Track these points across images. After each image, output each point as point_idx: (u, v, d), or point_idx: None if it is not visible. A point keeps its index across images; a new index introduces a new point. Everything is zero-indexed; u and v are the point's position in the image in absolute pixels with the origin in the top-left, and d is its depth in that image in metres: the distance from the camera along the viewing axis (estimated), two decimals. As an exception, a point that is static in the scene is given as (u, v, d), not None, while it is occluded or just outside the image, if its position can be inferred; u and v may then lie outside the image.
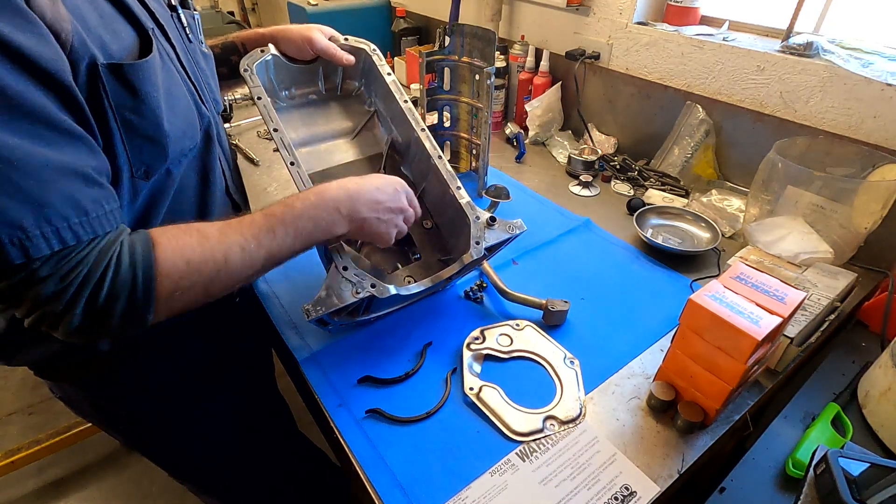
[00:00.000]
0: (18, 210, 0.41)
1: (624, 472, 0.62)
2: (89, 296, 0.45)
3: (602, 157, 1.31)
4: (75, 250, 0.45)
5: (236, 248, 0.54)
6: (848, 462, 0.55)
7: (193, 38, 0.68)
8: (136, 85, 0.50)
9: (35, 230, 0.42)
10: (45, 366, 0.66)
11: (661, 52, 1.20)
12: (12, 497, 1.58)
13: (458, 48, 1.09)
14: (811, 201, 0.86)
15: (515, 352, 0.78)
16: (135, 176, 0.53)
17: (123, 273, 0.47)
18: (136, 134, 0.51)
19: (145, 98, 0.51)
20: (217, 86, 0.74)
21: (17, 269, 0.42)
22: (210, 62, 0.73)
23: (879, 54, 0.94)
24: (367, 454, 0.65)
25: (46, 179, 0.42)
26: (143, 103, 0.51)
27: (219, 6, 2.92)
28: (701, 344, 0.62)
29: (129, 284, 0.47)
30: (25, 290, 0.43)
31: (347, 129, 0.97)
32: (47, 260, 0.43)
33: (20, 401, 1.86)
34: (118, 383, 0.70)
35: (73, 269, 0.44)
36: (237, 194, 0.78)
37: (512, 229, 0.77)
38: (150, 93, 0.51)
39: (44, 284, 0.43)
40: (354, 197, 0.64)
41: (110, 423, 0.77)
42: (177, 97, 0.58)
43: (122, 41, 0.50)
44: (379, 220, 0.66)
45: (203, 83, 0.68)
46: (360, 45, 0.89)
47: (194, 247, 0.51)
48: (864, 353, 0.80)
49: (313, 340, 0.81)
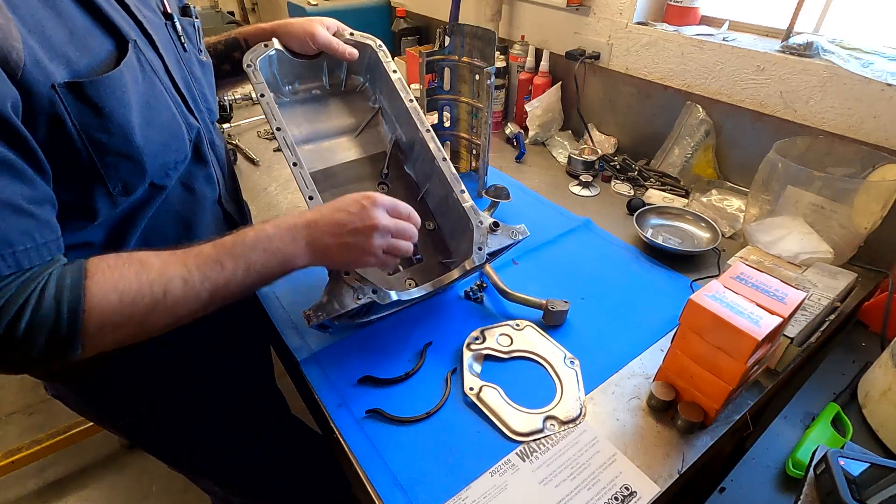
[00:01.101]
0: None
1: (624, 472, 0.62)
2: (6, 328, 0.43)
3: (602, 157, 1.31)
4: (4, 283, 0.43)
5: (178, 280, 0.51)
6: (848, 462, 0.55)
7: (190, 46, 0.67)
8: (99, 103, 0.48)
9: None
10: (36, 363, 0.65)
11: (661, 52, 1.20)
12: (12, 497, 1.58)
13: (458, 48, 1.08)
14: (811, 201, 0.86)
15: (515, 352, 0.78)
16: (112, 192, 0.52)
17: (46, 307, 0.44)
18: (108, 152, 0.50)
19: (111, 115, 0.49)
20: (213, 95, 0.73)
21: None
22: (207, 71, 0.72)
23: (879, 54, 0.94)
24: (367, 454, 0.65)
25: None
26: (108, 121, 0.49)
27: (219, 6, 2.92)
28: (701, 344, 0.62)
29: (53, 318, 0.45)
30: None
31: (351, 126, 0.96)
32: None
33: (20, 401, 1.86)
34: (111, 382, 0.70)
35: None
36: (230, 203, 0.77)
37: (515, 235, 0.77)
38: (115, 108, 0.49)
39: None
40: (313, 224, 0.58)
41: (107, 419, 0.77)
42: (157, 110, 0.56)
43: (95, 56, 0.49)
44: (344, 244, 0.59)
45: (197, 92, 0.66)
46: (366, 41, 0.88)
47: (130, 279, 0.48)
48: (864, 353, 0.80)
49: (313, 340, 0.81)
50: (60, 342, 0.46)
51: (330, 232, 0.59)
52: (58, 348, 0.46)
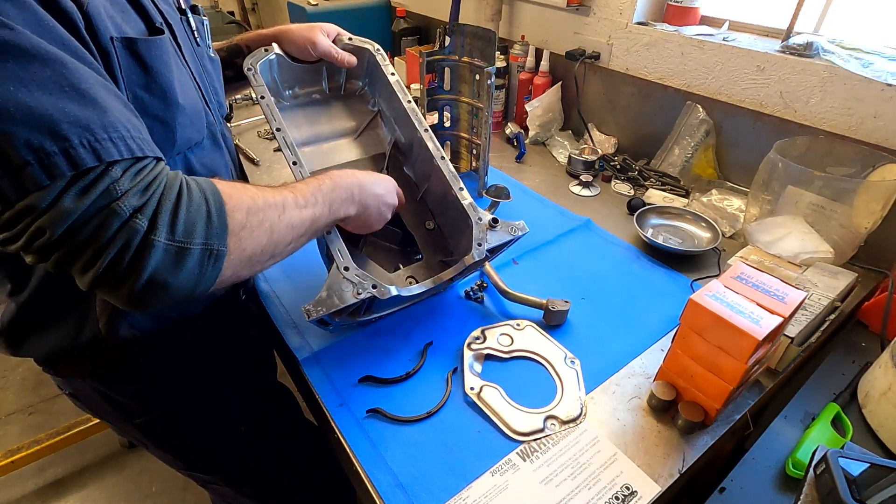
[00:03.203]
0: (82, 112, 0.39)
1: (625, 471, 0.62)
2: (171, 215, 0.42)
3: (602, 157, 1.31)
4: (147, 166, 0.43)
5: (290, 200, 0.55)
6: (848, 462, 0.55)
7: (201, 42, 0.68)
8: (148, 62, 0.50)
9: (102, 133, 0.40)
10: (56, 359, 0.65)
11: (661, 52, 1.20)
12: (12, 497, 1.58)
13: (459, 48, 1.09)
14: (811, 201, 0.86)
15: (516, 351, 0.78)
16: None
17: (196, 197, 0.45)
18: (146, 112, 0.51)
19: (156, 76, 0.51)
20: (223, 90, 0.75)
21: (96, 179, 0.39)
22: (217, 67, 0.73)
23: (879, 54, 0.94)
24: (368, 454, 0.65)
25: (100, 90, 0.41)
26: (154, 81, 0.51)
27: (219, 6, 2.92)
28: (701, 344, 0.62)
29: (205, 209, 0.45)
30: (109, 203, 0.40)
31: (350, 129, 0.97)
32: (126, 171, 0.41)
33: (20, 401, 1.86)
34: (133, 376, 0.70)
35: (152, 183, 0.42)
36: None
37: (514, 231, 0.77)
38: (161, 70, 0.52)
39: (126, 198, 0.40)
40: (364, 187, 0.68)
41: (125, 416, 0.76)
42: (186, 86, 0.58)
43: (134, 27, 0.51)
44: (378, 211, 0.71)
45: (209, 86, 0.68)
46: (364, 45, 0.88)
47: (253, 191, 0.51)
48: (864, 353, 0.80)
49: (314, 340, 0.81)
50: (213, 236, 0.45)
51: (374, 197, 0.69)
52: (211, 242, 0.45)
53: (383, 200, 0.71)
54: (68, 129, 0.38)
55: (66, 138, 0.38)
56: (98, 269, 0.40)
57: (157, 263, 0.42)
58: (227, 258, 0.47)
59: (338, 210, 0.64)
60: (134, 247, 0.41)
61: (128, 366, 0.68)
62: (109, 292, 0.43)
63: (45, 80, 0.38)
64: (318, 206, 0.59)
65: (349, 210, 0.66)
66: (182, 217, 0.43)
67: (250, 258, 0.50)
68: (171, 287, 0.44)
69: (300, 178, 0.72)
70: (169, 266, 0.43)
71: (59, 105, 0.38)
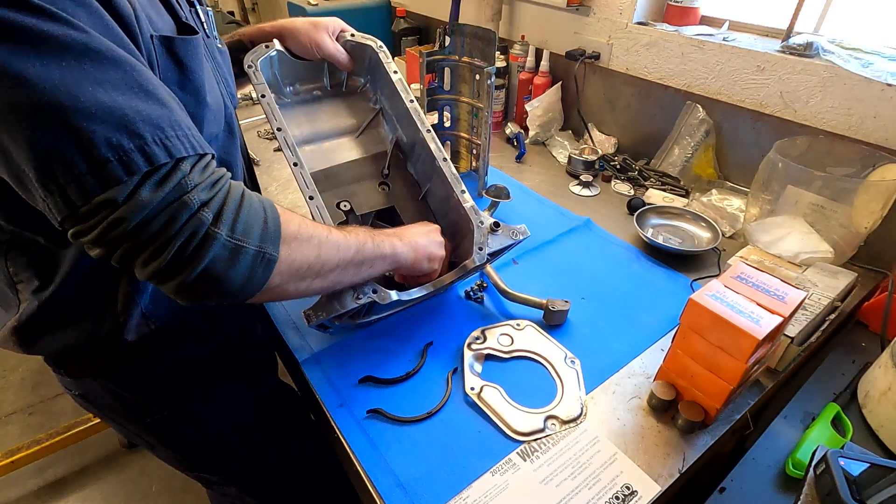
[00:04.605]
0: (151, 111, 0.41)
1: (625, 471, 0.62)
2: (234, 213, 0.45)
3: (602, 157, 1.31)
4: (210, 163, 0.45)
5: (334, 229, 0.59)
6: (848, 462, 0.55)
7: (210, 33, 0.69)
8: (184, 59, 0.51)
9: (171, 131, 0.42)
10: (69, 357, 0.65)
11: (662, 52, 1.20)
12: (12, 497, 1.58)
13: (459, 48, 1.08)
14: (811, 201, 0.86)
15: (516, 351, 0.78)
16: None
17: (255, 203, 0.47)
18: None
19: (191, 74, 0.52)
20: (233, 81, 0.75)
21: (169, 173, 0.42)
22: (226, 58, 0.74)
23: (879, 54, 0.94)
24: (368, 454, 0.65)
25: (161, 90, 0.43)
26: (187, 79, 0.52)
27: (219, 6, 2.93)
28: (701, 343, 0.62)
29: (262, 214, 0.47)
30: (180, 196, 0.42)
31: (352, 127, 0.96)
32: (193, 166, 0.43)
33: (20, 401, 1.86)
34: (146, 374, 0.70)
35: (218, 181, 0.45)
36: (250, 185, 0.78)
37: (515, 235, 0.77)
38: (195, 68, 0.53)
39: (196, 191, 0.43)
40: (419, 251, 0.70)
41: (136, 416, 0.75)
42: (211, 82, 0.59)
43: (166, 25, 0.52)
44: (429, 267, 0.73)
45: (221, 77, 0.68)
46: (367, 42, 0.88)
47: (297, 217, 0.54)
48: (864, 353, 0.80)
49: (314, 341, 0.81)
50: (268, 240, 0.48)
51: (428, 257, 0.72)
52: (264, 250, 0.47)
53: (436, 257, 0.73)
54: (142, 127, 0.41)
55: (141, 136, 0.41)
56: (164, 258, 0.43)
57: (214, 256, 0.44)
58: (277, 266, 0.49)
59: (381, 243, 0.65)
60: (199, 238, 0.43)
61: (142, 363, 0.68)
62: (166, 280, 0.45)
63: (117, 80, 0.40)
64: (360, 235, 0.62)
65: (394, 243, 0.67)
66: (243, 217, 0.46)
67: (297, 270, 0.53)
68: (223, 282, 0.46)
69: (301, 180, 0.72)
70: (225, 261, 0.45)
71: (133, 104, 0.41)
